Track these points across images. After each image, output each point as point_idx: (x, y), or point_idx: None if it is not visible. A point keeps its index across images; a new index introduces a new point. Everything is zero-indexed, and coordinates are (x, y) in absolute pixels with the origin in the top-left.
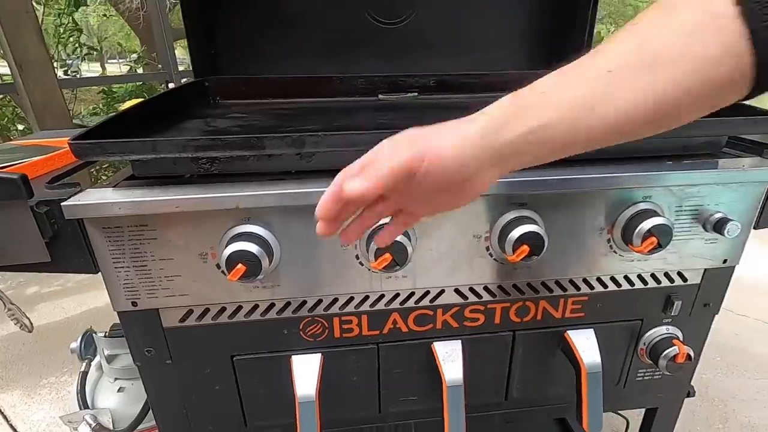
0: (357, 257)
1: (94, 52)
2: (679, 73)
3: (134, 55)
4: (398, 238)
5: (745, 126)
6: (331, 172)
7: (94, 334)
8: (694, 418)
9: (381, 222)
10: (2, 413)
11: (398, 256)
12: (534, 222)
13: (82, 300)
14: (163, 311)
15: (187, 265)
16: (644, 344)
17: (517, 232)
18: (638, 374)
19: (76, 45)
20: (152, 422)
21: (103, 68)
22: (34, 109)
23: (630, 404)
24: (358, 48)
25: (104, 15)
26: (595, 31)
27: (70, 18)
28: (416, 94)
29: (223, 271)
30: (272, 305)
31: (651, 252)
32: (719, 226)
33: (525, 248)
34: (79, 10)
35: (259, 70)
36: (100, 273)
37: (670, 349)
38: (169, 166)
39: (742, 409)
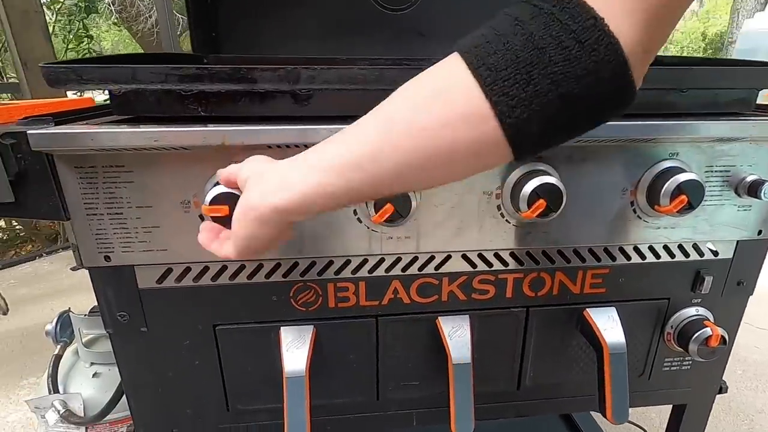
0: (355, 212)
1: None
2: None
3: None
4: None
5: None
6: (328, 119)
7: (71, 314)
8: None
9: None
10: None
11: (400, 206)
12: (550, 175)
13: (73, 302)
14: (139, 269)
15: (166, 214)
16: (671, 327)
17: (531, 185)
18: (665, 364)
19: (86, 51)
20: (126, 411)
21: None
22: None
23: (655, 399)
24: (361, 33)
25: (117, 39)
26: None
27: (81, 23)
28: None
29: None
30: (260, 266)
31: (681, 212)
32: (753, 189)
33: (541, 202)
34: (92, 33)
35: (260, 52)
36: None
37: (702, 330)
38: (153, 105)
39: None
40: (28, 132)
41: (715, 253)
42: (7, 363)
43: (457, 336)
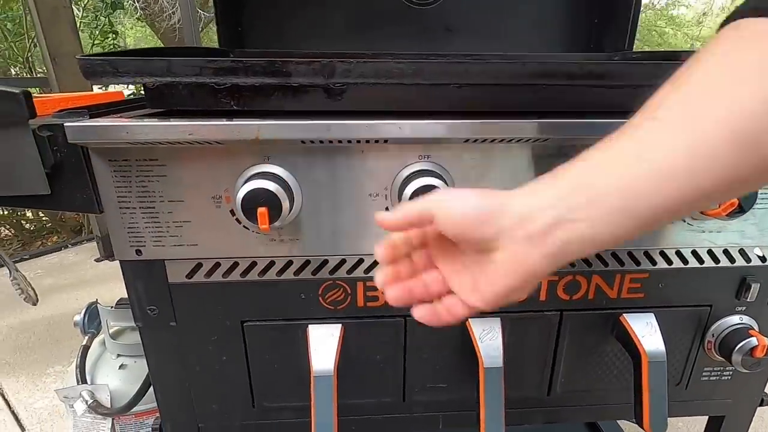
0: (387, 209)
1: None
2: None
3: None
4: (435, 183)
5: None
6: (362, 114)
7: (98, 306)
8: None
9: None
10: (5, 399)
11: None
12: None
13: (97, 293)
14: (170, 264)
15: (198, 209)
16: (713, 336)
17: None
18: (704, 373)
19: (111, 47)
20: (152, 404)
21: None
22: None
23: (692, 410)
24: (388, 28)
25: (140, 36)
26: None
27: (107, 19)
28: None
29: (237, 219)
30: (290, 263)
31: (730, 216)
32: None
33: None
34: (116, 29)
35: (285, 47)
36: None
37: (747, 340)
38: (186, 99)
39: None
40: (66, 124)
41: (763, 259)
42: (34, 351)
43: (488, 339)
